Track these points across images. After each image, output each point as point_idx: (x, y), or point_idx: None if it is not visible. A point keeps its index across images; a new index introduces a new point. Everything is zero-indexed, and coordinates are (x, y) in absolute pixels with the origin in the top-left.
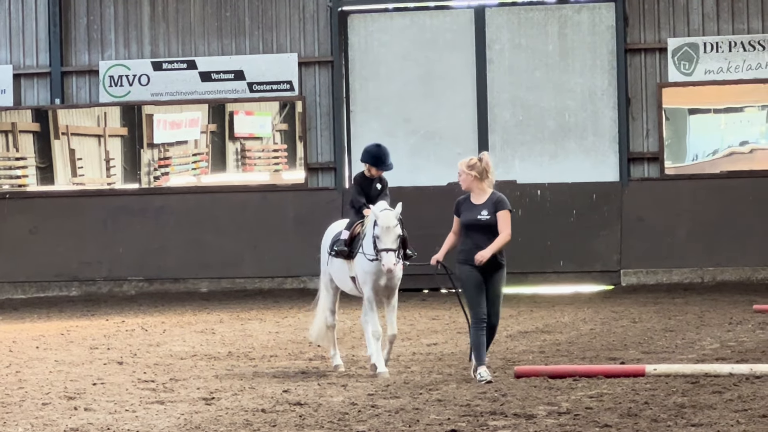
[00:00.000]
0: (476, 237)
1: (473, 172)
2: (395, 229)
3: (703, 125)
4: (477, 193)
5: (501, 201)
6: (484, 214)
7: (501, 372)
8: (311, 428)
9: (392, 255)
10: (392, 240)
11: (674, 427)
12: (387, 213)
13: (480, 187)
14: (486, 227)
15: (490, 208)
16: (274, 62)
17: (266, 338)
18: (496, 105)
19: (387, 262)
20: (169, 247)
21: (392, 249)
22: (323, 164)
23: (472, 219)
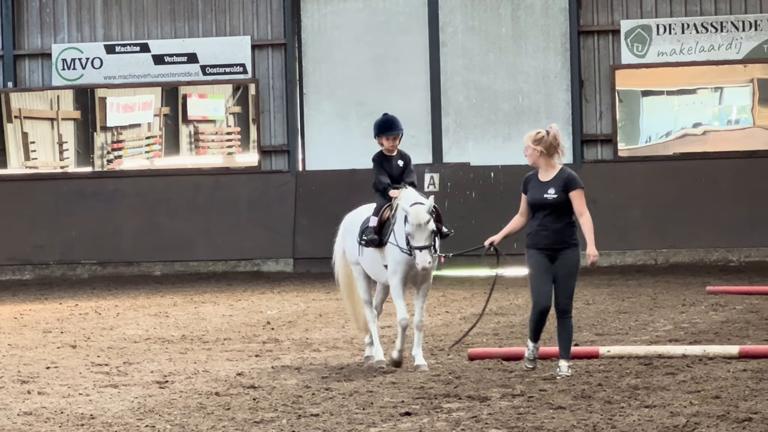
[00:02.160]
0: (542, 217)
1: (540, 147)
2: (428, 226)
3: (656, 107)
4: (545, 170)
5: (572, 179)
6: (551, 192)
7: (455, 354)
8: (265, 411)
9: (427, 253)
10: (425, 237)
11: (628, 408)
12: (418, 209)
13: (548, 163)
14: (553, 207)
15: (559, 187)
16: (227, 45)
17: (220, 321)
18: (449, 88)
19: (421, 261)
20: (122, 231)
21: (426, 247)
22: (276, 147)
23: (539, 198)
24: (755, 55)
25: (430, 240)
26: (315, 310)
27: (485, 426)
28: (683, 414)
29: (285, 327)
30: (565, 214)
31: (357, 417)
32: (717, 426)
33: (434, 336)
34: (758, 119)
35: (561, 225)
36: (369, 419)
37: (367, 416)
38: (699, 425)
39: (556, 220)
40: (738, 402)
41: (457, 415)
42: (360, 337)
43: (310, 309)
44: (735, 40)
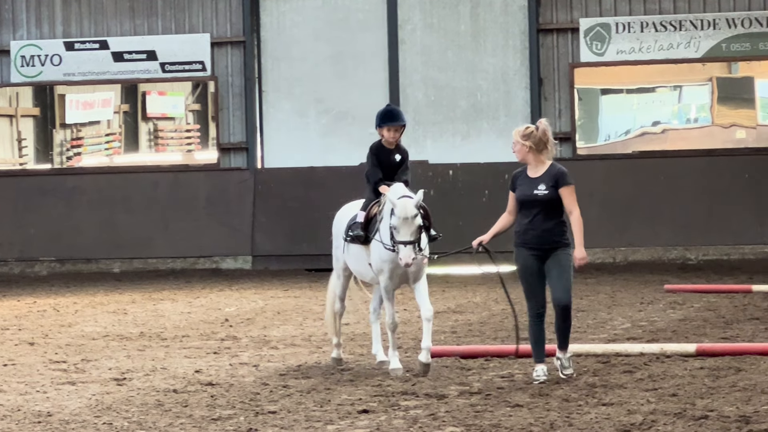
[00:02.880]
0: (531, 215)
1: (528, 142)
2: (415, 220)
3: (615, 105)
4: (534, 166)
5: (562, 174)
6: (542, 188)
7: (413, 352)
8: (222, 408)
9: (410, 249)
10: (411, 232)
11: (585, 406)
12: (405, 202)
13: (537, 159)
14: (543, 203)
15: (549, 182)
16: (187, 42)
17: (178, 318)
18: (408, 85)
19: (404, 256)
20: (81, 228)
21: (411, 242)
22: (235, 144)
23: (528, 194)
24: (714, 54)
25: (416, 236)
26: (273, 307)
27: (442, 424)
28: (640, 412)
29: (243, 324)
30: (556, 211)
31: (314, 414)
32: (674, 424)
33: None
34: (717, 118)
35: (551, 223)
36: (326, 417)
37: (325, 414)
38: (656, 423)
39: (546, 217)
40: (695, 400)
41: (414, 412)
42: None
43: (268, 306)
44: (694, 38)
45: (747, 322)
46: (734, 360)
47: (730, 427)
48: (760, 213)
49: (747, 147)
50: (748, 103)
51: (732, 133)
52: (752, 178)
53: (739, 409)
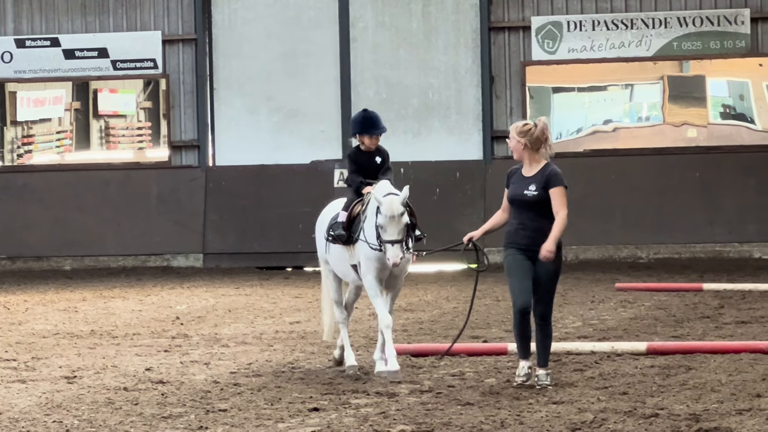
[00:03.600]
0: (522, 215)
1: (524, 140)
2: (402, 218)
3: (566, 103)
4: (529, 164)
5: (554, 175)
6: (532, 189)
7: (363, 350)
8: (173, 406)
9: (398, 248)
10: (398, 230)
11: (536, 404)
12: (391, 199)
13: (532, 158)
14: (532, 204)
15: (540, 183)
16: (138, 40)
17: (129, 316)
18: (359, 83)
19: (392, 256)
20: (32, 225)
21: (398, 241)
22: (187, 142)
23: (518, 194)
24: (665, 53)
25: (403, 234)
26: (224, 305)
27: (393, 422)
28: (591, 410)
29: (194, 322)
30: (547, 213)
31: (265, 412)
32: (624, 422)
33: None
34: (668, 116)
35: (542, 224)
36: (277, 415)
37: (276, 412)
38: (606, 421)
39: (536, 218)
40: (645, 398)
41: (365, 410)
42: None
43: (219, 304)
44: (645, 37)
45: (697, 321)
46: (684, 358)
47: (680, 426)
48: (710, 212)
49: (698, 146)
50: (699, 102)
51: (683, 132)
52: (703, 177)
53: (689, 408)
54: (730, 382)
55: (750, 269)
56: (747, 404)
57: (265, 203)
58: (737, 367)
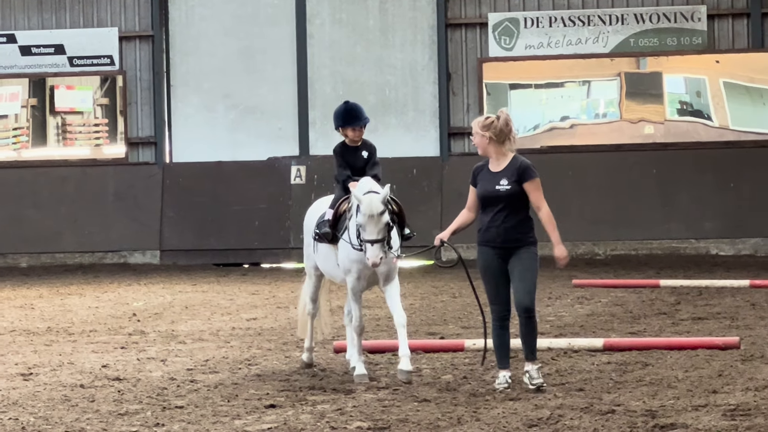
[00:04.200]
0: (493, 212)
1: (488, 133)
2: (381, 217)
3: (523, 100)
4: (496, 159)
5: (526, 168)
6: (504, 183)
7: (320, 347)
8: (130, 403)
9: (378, 248)
10: (378, 230)
11: (492, 401)
12: (371, 198)
13: (499, 152)
14: (506, 199)
15: (511, 177)
16: (95, 36)
17: (86, 313)
18: (316, 80)
19: (371, 256)
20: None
21: (377, 240)
22: (144, 139)
23: (490, 190)
24: (622, 49)
25: (384, 233)
26: (181, 302)
27: (350, 419)
28: (547, 407)
29: (151, 319)
30: (520, 208)
31: (222, 409)
32: (581, 418)
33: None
34: (625, 113)
35: (515, 221)
36: (234, 411)
37: (232, 408)
38: (563, 417)
39: (509, 215)
40: (602, 394)
41: (321, 407)
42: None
43: (176, 301)
44: (602, 33)
45: (654, 317)
46: (641, 355)
47: (637, 422)
48: (667, 208)
49: (655, 142)
50: (656, 99)
51: (640, 129)
52: (660, 174)
53: (645, 404)
54: (686, 379)
55: (706, 266)
56: (703, 400)
57: (222, 200)
58: (693, 363)
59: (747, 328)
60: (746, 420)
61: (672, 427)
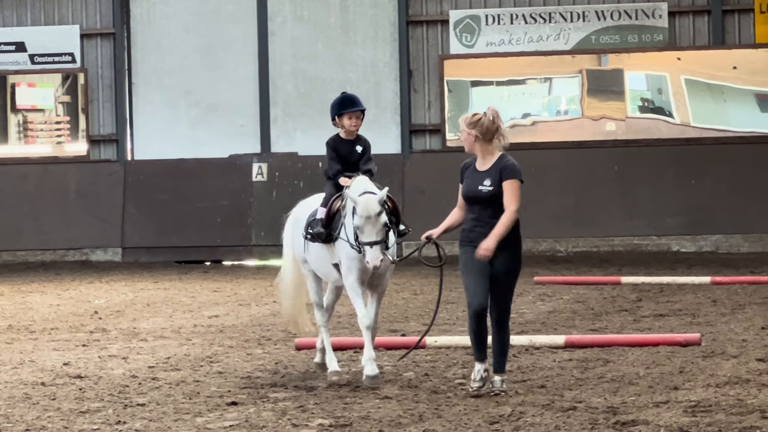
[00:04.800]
0: (477, 211)
1: (474, 131)
2: (379, 218)
3: (485, 97)
4: (482, 158)
5: (508, 168)
6: (486, 184)
7: (282, 344)
8: (91, 401)
9: (377, 249)
10: (376, 231)
11: (454, 398)
12: (368, 198)
13: (485, 150)
14: (488, 200)
15: (495, 177)
16: (56, 34)
17: (47, 311)
18: (278, 77)
19: (371, 258)
20: None
21: (377, 242)
22: (105, 136)
23: (473, 189)
24: (583, 46)
25: (382, 234)
26: (143, 299)
27: (311, 416)
28: (509, 403)
29: (113, 316)
30: (503, 208)
31: (183, 407)
32: (542, 415)
33: (261, 326)
34: (587, 110)
35: (498, 221)
36: (195, 409)
37: (194, 406)
38: (524, 414)
39: (493, 214)
40: (563, 391)
41: (283, 404)
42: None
43: (138, 298)
44: (563, 30)
45: (615, 314)
46: (602, 351)
47: (598, 418)
48: (629, 205)
49: (616, 139)
50: (617, 96)
51: (602, 126)
52: (621, 171)
53: (606, 400)
54: (647, 375)
55: (668, 262)
56: (664, 397)
57: (184, 197)
58: (655, 359)
59: (708, 324)
60: (707, 416)
61: (633, 423)
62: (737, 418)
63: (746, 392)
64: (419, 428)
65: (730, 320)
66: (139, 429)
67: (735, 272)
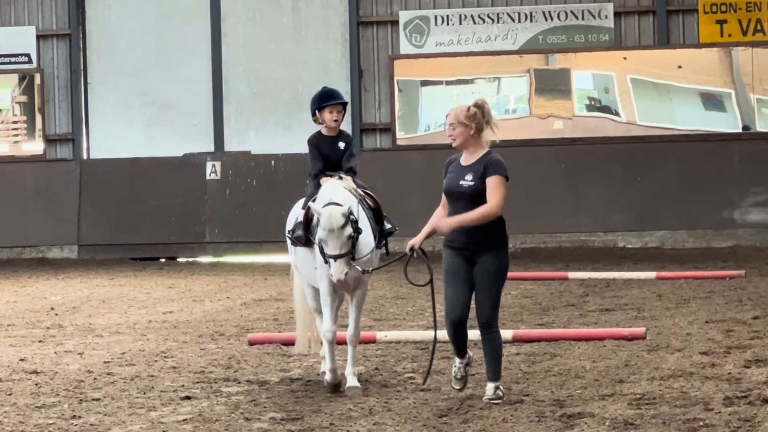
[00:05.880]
0: (458, 209)
1: (473, 124)
2: (343, 231)
3: (434, 97)
4: (469, 153)
5: (494, 163)
6: (468, 179)
7: (235, 339)
8: (47, 396)
9: (341, 263)
10: (340, 245)
11: (404, 392)
12: (330, 210)
13: (477, 144)
14: (469, 197)
15: (478, 172)
16: (12, 35)
17: (4, 307)
18: (231, 77)
19: (335, 272)
20: None
21: (340, 256)
22: (61, 136)
23: (454, 184)
24: (531, 46)
25: (347, 247)
26: (99, 295)
27: (264, 409)
28: (457, 397)
29: (69, 313)
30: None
31: (138, 401)
32: (490, 408)
33: (215, 321)
34: (534, 109)
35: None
36: (150, 403)
37: (148, 400)
38: (472, 408)
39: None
40: (511, 385)
41: (236, 398)
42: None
43: (93, 295)
44: (511, 31)
45: (563, 309)
46: (550, 346)
47: (545, 411)
48: (576, 202)
49: (564, 137)
50: (564, 95)
51: (549, 124)
52: (568, 168)
53: (553, 393)
54: (593, 369)
55: (614, 258)
56: (610, 390)
57: (139, 195)
58: (601, 353)
59: (653, 318)
60: (651, 408)
61: (579, 416)
62: (681, 411)
63: (690, 385)
64: (369, 422)
65: (675, 314)
66: (94, 423)
67: (680, 267)
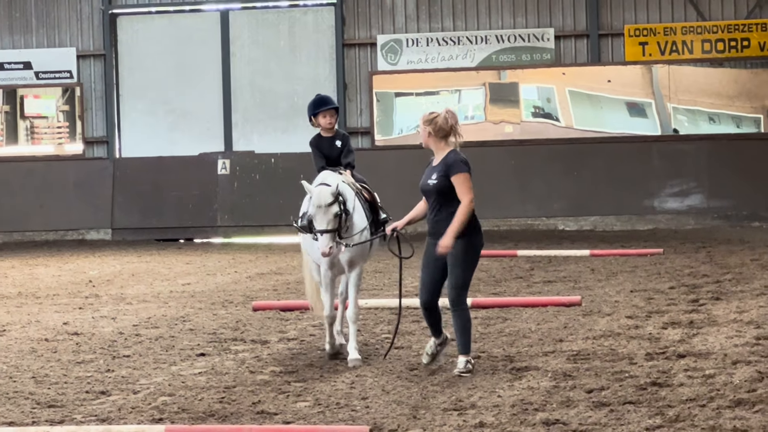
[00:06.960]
0: (430, 204)
1: (429, 128)
2: (330, 209)
3: (406, 106)
4: (436, 153)
5: (454, 163)
6: (434, 177)
7: (241, 306)
8: (86, 353)
9: (327, 238)
10: (326, 221)
11: (381, 350)
12: (320, 189)
13: (438, 146)
14: (435, 193)
15: (441, 171)
16: (57, 55)
17: (50, 280)
18: (238, 89)
19: (321, 245)
20: None
21: (326, 231)
22: (98, 138)
23: (425, 183)
24: (486, 64)
25: (333, 225)
26: (129, 270)
27: (265, 364)
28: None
29: (104, 284)
30: (450, 201)
31: (161, 357)
32: (452, 363)
33: (225, 291)
34: (489, 115)
35: (446, 213)
36: (171, 359)
37: (170, 357)
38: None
39: (441, 208)
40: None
41: (242, 355)
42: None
43: (124, 270)
44: (470, 51)
45: (513, 281)
46: (502, 311)
47: (498, 365)
48: (523, 192)
49: (513, 139)
50: (514, 104)
51: (501, 128)
52: (517, 164)
53: (505, 351)
54: (538, 330)
55: (555, 239)
56: (551, 347)
57: (162, 187)
58: (544, 317)
59: (587, 288)
60: (586, 363)
61: (526, 369)
62: (610, 364)
63: (617, 343)
64: (353, 374)
65: (605, 285)
66: (125, 376)
67: (609, 246)
